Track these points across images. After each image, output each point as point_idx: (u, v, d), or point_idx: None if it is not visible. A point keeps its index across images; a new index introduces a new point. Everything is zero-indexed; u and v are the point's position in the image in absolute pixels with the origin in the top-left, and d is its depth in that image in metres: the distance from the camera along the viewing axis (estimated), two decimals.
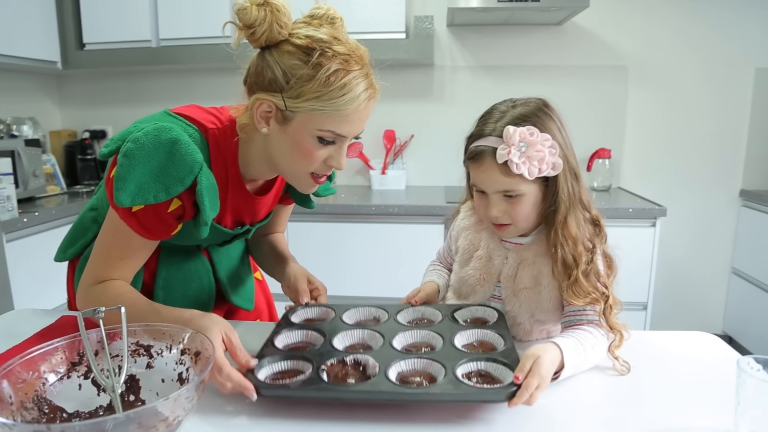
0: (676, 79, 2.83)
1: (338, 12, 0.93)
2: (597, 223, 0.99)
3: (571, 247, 0.94)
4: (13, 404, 0.65)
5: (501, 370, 0.80)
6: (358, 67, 0.87)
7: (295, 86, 0.86)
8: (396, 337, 0.91)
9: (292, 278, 1.13)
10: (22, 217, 2.18)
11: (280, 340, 0.92)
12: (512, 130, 0.90)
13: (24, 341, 1.01)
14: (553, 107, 0.99)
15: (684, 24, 2.77)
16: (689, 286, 3.00)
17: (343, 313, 1.02)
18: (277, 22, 0.85)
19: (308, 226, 2.52)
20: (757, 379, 0.68)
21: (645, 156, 2.93)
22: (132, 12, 2.71)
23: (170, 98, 3.08)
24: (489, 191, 0.96)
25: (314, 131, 0.89)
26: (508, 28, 2.85)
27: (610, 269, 0.98)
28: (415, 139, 2.99)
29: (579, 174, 0.98)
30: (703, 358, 0.98)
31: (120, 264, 0.97)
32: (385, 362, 0.82)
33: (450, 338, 0.89)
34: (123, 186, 0.87)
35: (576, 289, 0.92)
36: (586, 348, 0.88)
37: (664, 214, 2.35)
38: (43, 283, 2.20)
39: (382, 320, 1.01)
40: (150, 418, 0.61)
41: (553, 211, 0.95)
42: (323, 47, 0.85)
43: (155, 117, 0.98)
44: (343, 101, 0.86)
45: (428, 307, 1.05)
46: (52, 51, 2.75)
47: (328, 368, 0.82)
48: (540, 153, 0.90)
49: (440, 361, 0.82)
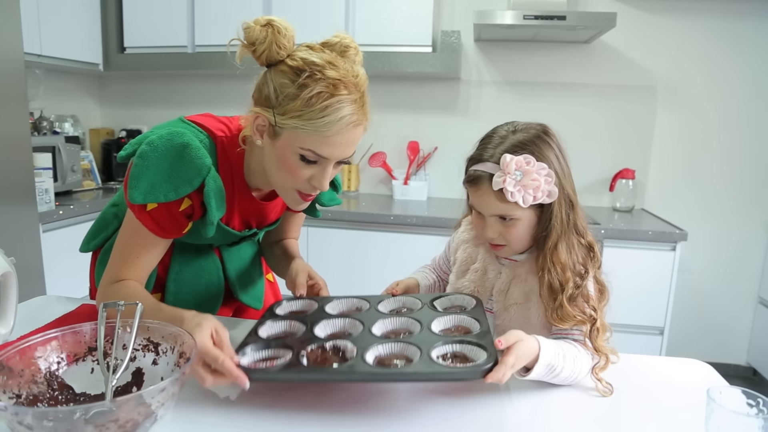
0: (706, 103, 2.80)
1: (355, 42, 0.96)
2: (591, 248, 1.00)
3: (559, 273, 0.95)
4: (23, 377, 0.72)
5: (475, 351, 0.82)
6: (346, 93, 0.90)
7: (283, 103, 0.90)
8: (375, 324, 0.93)
9: (293, 272, 1.17)
10: (59, 209, 2.30)
11: (264, 330, 0.95)
12: (509, 158, 0.91)
13: (44, 326, 1.08)
14: (554, 134, 1.00)
15: (714, 48, 2.74)
16: (711, 314, 2.94)
17: (326, 305, 1.05)
18: (276, 42, 0.90)
19: (327, 232, 2.58)
20: (726, 410, 0.68)
21: (670, 178, 2.90)
22: (170, 19, 2.84)
23: (202, 101, 3.21)
24: (485, 214, 0.99)
25: (296, 149, 0.93)
26: (535, 44, 2.87)
27: (602, 295, 0.98)
28: (438, 151, 3.04)
29: (575, 201, 0.99)
30: (690, 385, 0.97)
31: (136, 262, 1.03)
32: (363, 347, 0.84)
33: (428, 324, 0.91)
34: (136, 185, 0.95)
35: (560, 313, 0.93)
36: (566, 356, 0.89)
37: (685, 238, 2.32)
38: (75, 273, 2.31)
39: (364, 310, 1.03)
40: (128, 411, 0.64)
41: (545, 236, 0.97)
42: (313, 70, 0.89)
43: (170, 123, 1.05)
44: (323, 123, 0.89)
45: (409, 297, 1.07)
46: (95, 54, 2.91)
47: (308, 353, 0.84)
48: (535, 182, 0.92)
49: (416, 344, 0.83)
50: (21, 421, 0.59)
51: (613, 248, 2.37)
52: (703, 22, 2.72)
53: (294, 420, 0.80)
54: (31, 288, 2.02)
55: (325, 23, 2.67)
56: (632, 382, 0.97)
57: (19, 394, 0.71)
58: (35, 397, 0.72)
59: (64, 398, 0.75)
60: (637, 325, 2.43)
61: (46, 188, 2.27)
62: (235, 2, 2.73)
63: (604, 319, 0.96)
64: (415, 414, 0.82)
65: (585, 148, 2.87)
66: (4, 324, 1.00)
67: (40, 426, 0.59)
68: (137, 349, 0.82)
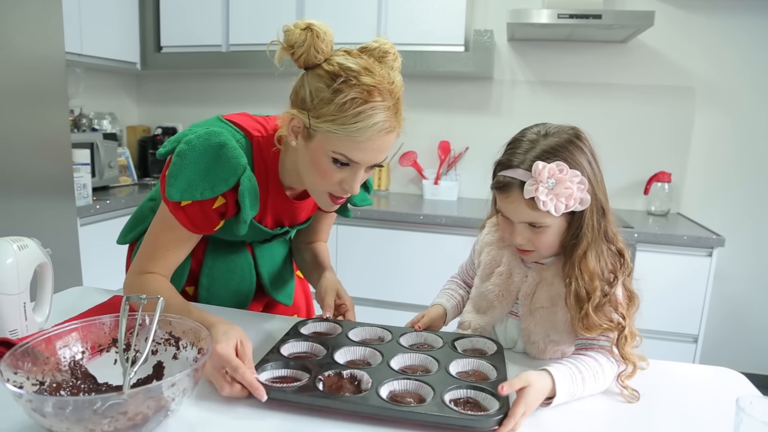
0: (748, 105, 2.70)
1: (395, 48, 0.96)
2: (621, 255, 0.97)
3: (587, 282, 0.92)
4: (48, 365, 0.74)
5: (489, 399, 0.82)
6: (381, 100, 0.90)
7: (317, 107, 0.91)
8: (395, 357, 0.94)
9: (323, 290, 1.18)
10: (95, 204, 2.37)
11: (286, 348, 0.97)
12: (541, 166, 0.89)
13: (77, 315, 1.12)
14: (586, 137, 0.96)
15: (757, 48, 2.65)
16: (749, 323, 2.84)
17: (349, 330, 1.06)
18: (314, 46, 0.91)
19: (357, 231, 2.58)
20: (756, 420, 0.66)
21: (708, 182, 2.81)
22: (205, 19, 2.90)
23: (237, 99, 3.26)
24: (514, 220, 0.97)
25: (329, 152, 0.94)
26: (570, 44, 2.82)
27: (632, 302, 0.96)
28: (469, 151, 3.01)
29: (607, 208, 0.96)
30: (720, 394, 0.94)
31: (165, 254, 1.06)
32: (379, 379, 0.85)
33: (445, 364, 0.92)
34: (174, 182, 0.98)
35: (586, 323, 0.91)
36: (585, 377, 0.87)
37: (722, 244, 2.25)
38: (110, 265, 2.37)
39: (386, 340, 1.04)
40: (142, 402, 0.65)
41: (574, 243, 0.95)
42: (349, 75, 0.89)
43: (209, 122, 1.07)
44: (355, 128, 0.90)
45: (431, 333, 1.07)
46: (132, 53, 2.98)
47: (325, 378, 0.86)
48: (568, 190, 0.89)
49: (431, 384, 0.84)
50: (35, 408, 0.61)
51: (647, 252, 2.31)
52: (746, 21, 2.63)
53: (300, 422, 0.80)
54: (69, 279, 2.08)
55: (358, 22, 2.68)
56: (661, 388, 0.95)
57: (43, 381, 0.73)
58: (58, 384, 0.74)
59: (86, 387, 0.77)
60: (671, 332, 2.36)
61: (84, 183, 2.34)
62: (268, 2, 2.74)
63: (633, 327, 0.93)
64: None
65: (620, 150, 2.81)
66: (40, 313, 1.04)
67: (52, 414, 0.61)
68: (159, 343, 0.84)
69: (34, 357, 0.73)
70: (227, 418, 0.79)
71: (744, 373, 1.03)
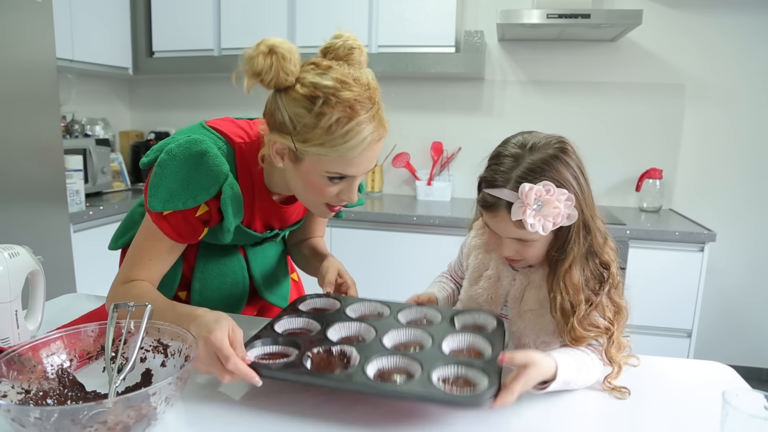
0: (736, 101, 2.72)
1: (358, 41, 0.95)
2: (607, 267, 0.96)
3: (571, 295, 0.92)
4: (34, 373, 0.75)
5: (479, 377, 0.80)
6: (364, 112, 0.89)
7: (302, 132, 0.90)
8: (388, 333, 0.92)
9: (324, 269, 1.18)
10: (89, 210, 2.37)
11: (281, 324, 0.96)
12: (528, 188, 0.86)
13: (70, 322, 1.11)
14: (572, 150, 0.94)
15: (745, 45, 2.66)
16: (741, 317, 2.86)
17: (348, 306, 1.05)
18: (282, 69, 0.88)
19: (351, 232, 2.59)
20: (742, 413, 0.66)
21: (699, 178, 2.82)
22: (197, 24, 2.90)
23: (228, 103, 3.24)
24: (502, 236, 0.97)
25: (323, 172, 0.93)
26: (560, 43, 2.83)
27: (620, 314, 0.95)
28: (462, 151, 3.02)
29: (593, 223, 0.95)
30: (710, 388, 0.95)
31: (148, 264, 1.05)
32: (368, 356, 0.83)
33: (439, 341, 0.90)
34: (156, 193, 0.97)
35: (573, 335, 0.91)
36: (581, 369, 0.88)
37: (714, 239, 2.27)
38: (104, 271, 2.37)
39: (384, 315, 1.02)
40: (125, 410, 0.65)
41: (559, 258, 0.94)
42: (327, 95, 0.87)
43: (191, 129, 1.07)
44: (346, 148, 0.89)
45: (431, 309, 1.06)
46: (124, 58, 2.99)
47: (314, 355, 0.85)
48: (556, 210, 0.87)
49: (420, 360, 0.82)
50: (14, 418, 0.61)
51: (640, 249, 2.32)
52: (735, 17, 2.64)
53: (297, 422, 0.80)
54: (62, 286, 2.09)
55: (349, 25, 2.63)
56: (651, 384, 0.96)
57: (29, 390, 0.73)
58: (45, 392, 0.74)
59: (74, 395, 0.77)
60: (664, 328, 2.37)
61: (76, 189, 2.34)
62: (259, 6, 2.75)
63: (621, 339, 0.93)
64: (424, 417, 0.82)
65: (611, 147, 2.82)
66: (32, 320, 1.04)
67: (28, 423, 0.60)
68: (147, 350, 0.84)
69: (21, 365, 0.73)
70: (216, 427, 0.79)
71: (739, 367, 1.04)
